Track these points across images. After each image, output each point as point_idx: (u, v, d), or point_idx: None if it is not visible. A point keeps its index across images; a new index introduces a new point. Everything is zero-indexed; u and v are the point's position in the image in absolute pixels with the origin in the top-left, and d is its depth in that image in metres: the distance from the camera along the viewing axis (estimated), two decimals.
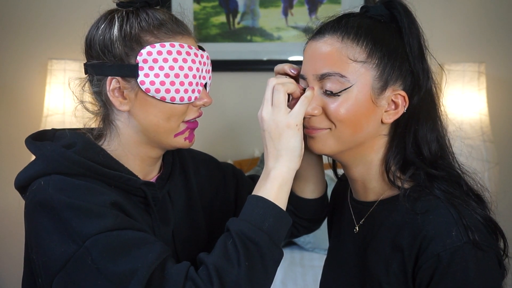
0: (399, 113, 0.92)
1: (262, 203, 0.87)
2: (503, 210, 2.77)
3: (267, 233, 0.84)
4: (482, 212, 0.89)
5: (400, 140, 0.94)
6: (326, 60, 0.90)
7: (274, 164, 0.89)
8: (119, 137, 0.97)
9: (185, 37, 0.94)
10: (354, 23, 0.91)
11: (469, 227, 0.84)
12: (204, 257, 0.84)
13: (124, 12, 0.93)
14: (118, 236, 0.82)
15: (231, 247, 0.82)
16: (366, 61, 0.89)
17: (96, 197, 0.85)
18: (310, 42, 0.94)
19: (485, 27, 2.58)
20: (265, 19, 2.62)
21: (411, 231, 0.88)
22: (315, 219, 1.17)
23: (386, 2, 0.94)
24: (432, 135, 0.93)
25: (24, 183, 0.91)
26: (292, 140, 0.89)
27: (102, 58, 0.92)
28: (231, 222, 0.86)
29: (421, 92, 0.92)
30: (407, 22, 0.92)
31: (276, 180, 0.88)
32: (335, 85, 0.89)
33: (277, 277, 2.13)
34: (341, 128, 0.90)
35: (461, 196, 0.90)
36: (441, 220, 0.86)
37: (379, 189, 0.98)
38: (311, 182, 1.11)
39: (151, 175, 1.03)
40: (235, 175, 1.20)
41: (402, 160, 0.94)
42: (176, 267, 0.83)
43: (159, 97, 0.91)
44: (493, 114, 2.50)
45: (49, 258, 0.83)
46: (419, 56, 0.92)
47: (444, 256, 0.82)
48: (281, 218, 0.87)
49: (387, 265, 0.91)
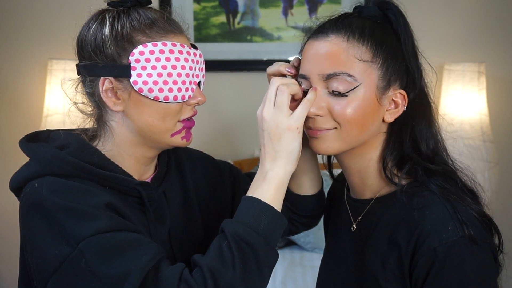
0: (399, 111, 0.93)
1: (257, 205, 0.86)
2: (503, 210, 2.79)
3: (262, 235, 0.84)
4: (477, 207, 0.91)
5: (397, 137, 0.95)
6: (332, 60, 0.89)
7: (272, 166, 0.89)
8: (113, 137, 0.96)
9: (177, 36, 0.94)
10: (357, 24, 0.91)
11: (465, 222, 0.85)
12: (199, 259, 0.83)
13: (115, 11, 0.92)
14: (112, 238, 0.82)
15: (226, 249, 0.82)
16: (371, 61, 0.90)
17: (90, 199, 0.85)
18: (312, 42, 0.94)
19: (485, 27, 2.58)
20: (265, 19, 2.62)
21: (407, 227, 0.88)
22: (313, 215, 1.17)
23: (379, 3, 0.95)
24: (428, 132, 0.95)
25: (18, 185, 0.91)
26: (291, 143, 0.88)
27: (94, 59, 0.91)
28: (226, 223, 0.86)
29: (416, 90, 0.93)
30: (403, 23, 0.94)
31: (273, 182, 0.88)
32: (342, 85, 0.89)
33: (277, 277, 2.13)
34: (347, 128, 0.91)
35: (456, 191, 0.91)
36: (437, 215, 0.86)
37: (376, 186, 0.98)
38: (307, 179, 1.11)
39: (147, 175, 1.02)
40: (232, 173, 1.20)
41: (398, 157, 0.95)
42: (170, 269, 0.82)
43: (152, 96, 0.91)
44: (493, 114, 2.50)
45: (43, 260, 0.83)
46: (414, 55, 0.95)
47: (440, 250, 0.83)
48: (276, 219, 0.87)
49: (384, 262, 0.91)
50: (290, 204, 1.11)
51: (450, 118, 2.41)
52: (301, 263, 2.28)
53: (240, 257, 0.81)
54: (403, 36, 0.93)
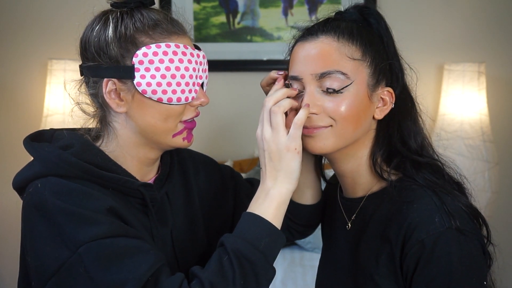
0: (388, 108, 0.97)
1: (259, 222, 0.87)
2: (503, 210, 2.78)
3: (263, 253, 0.85)
4: (464, 199, 0.93)
5: (385, 133, 0.98)
6: (325, 59, 0.92)
7: (273, 184, 0.90)
8: (116, 138, 0.96)
9: (180, 37, 0.94)
10: (344, 25, 0.95)
11: (452, 213, 0.87)
12: (199, 272, 0.83)
13: (119, 12, 0.92)
14: (112, 244, 0.81)
15: (227, 264, 0.83)
16: (361, 59, 0.93)
17: (92, 202, 0.85)
18: (302, 44, 0.96)
19: (485, 27, 2.58)
20: (265, 19, 2.62)
21: (397, 221, 0.90)
22: (310, 224, 1.17)
23: (360, 8, 0.99)
24: (415, 127, 0.99)
25: (21, 185, 0.91)
26: (291, 163, 0.90)
27: (98, 60, 0.91)
28: (227, 238, 0.86)
29: (399, 87, 0.98)
30: (384, 26, 0.99)
31: (275, 200, 0.89)
32: (336, 83, 0.91)
33: (277, 277, 2.13)
34: (343, 125, 0.93)
35: (443, 184, 0.94)
36: (425, 208, 0.89)
37: (367, 184, 1.01)
38: (309, 188, 1.11)
39: (149, 176, 1.02)
40: (234, 178, 1.20)
41: (387, 152, 0.98)
42: (169, 280, 0.82)
43: (156, 98, 0.91)
44: (493, 114, 2.50)
45: (42, 262, 0.83)
46: (395, 55, 0.99)
47: (427, 242, 0.85)
48: (276, 238, 0.88)
49: (377, 257, 0.93)
50: (288, 212, 1.11)
51: (450, 118, 2.41)
52: (301, 263, 2.28)
53: (241, 274, 0.82)
54: (386, 38, 0.98)
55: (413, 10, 2.57)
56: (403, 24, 2.49)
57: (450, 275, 0.84)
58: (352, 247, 1.01)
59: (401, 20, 2.50)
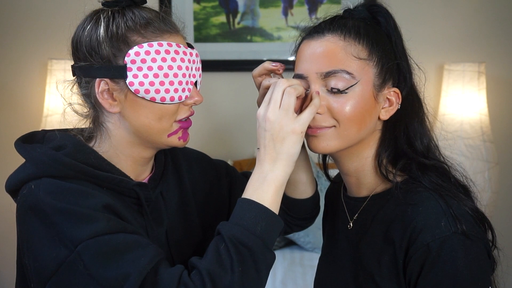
0: (394, 109, 0.96)
1: (254, 207, 0.86)
2: (503, 210, 2.79)
3: (260, 238, 0.83)
4: (470, 203, 0.92)
5: (391, 134, 0.97)
6: (330, 58, 0.91)
7: (272, 167, 0.88)
8: (110, 138, 0.95)
9: (173, 36, 0.93)
10: (351, 24, 0.94)
11: (458, 217, 0.86)
12: (197, 262, 0.83)
13: (110, 11, 0.91)
14: (110, 240, 0.81)
15: (224, 252, 0.82)
16: (368, 58, 0.92)
17: (88, 200, 0.84)
18: (308, 42, 0.95)
19: (485, 27, 2.58)
20: (265, 19, 2.62)
21: (401, 223, 0.89)
22: (308, 217, 1.17)
23: (369, 6, 0.98)
24: (422, 129, 0.97)
25: (14, 187, 0.90)
26: (294, 146, 0.88)
27: (90, 60, 0.91)
28: (223, 225, 0.85)
29: (407, 88, 0.96)
30: (393, 24, 0.97)
31: (274, 184, 0.87)
32: (341, 83, 0.90)
33: (277, 277, 2.14)
34: (346, 125, 0.92)
35: (449, 187, 0.92)
36: (430, 211, 0.88)
37: (372, 184, 1.00)
38: (301, 184, 1.10)
39: (144, 175, 1.02)
40: (229, 172, 1.19)
41: (393, 154, 0.97)
42: (169, 271, 0.82)
43: (149, 97, 0.90)
44: (493, 114, 2.50)
45: (41, 263, 0.82)
46: (404, 54, 0.98)
47: (433, 246, 0.84)
48: (273, 221, 0.86)
49: (379, 258, 0.92)
50: (285, 206, 1.11)
51: (450, 118, 2.41)
52: (301, 263, 2.28)
53: (239, 260, 0.81)
54: (394, 37, 0.96)
55: (413, 10, 2.57)
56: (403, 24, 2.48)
57: (456, 279, 0.83)
58: (353, 246, 1.01)
59: (401, 20, 2.50)
